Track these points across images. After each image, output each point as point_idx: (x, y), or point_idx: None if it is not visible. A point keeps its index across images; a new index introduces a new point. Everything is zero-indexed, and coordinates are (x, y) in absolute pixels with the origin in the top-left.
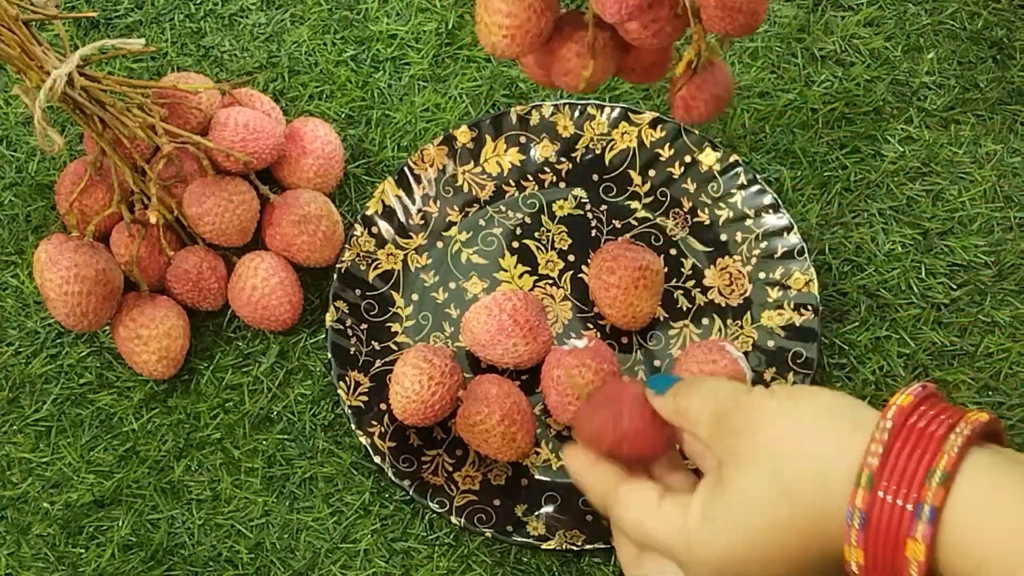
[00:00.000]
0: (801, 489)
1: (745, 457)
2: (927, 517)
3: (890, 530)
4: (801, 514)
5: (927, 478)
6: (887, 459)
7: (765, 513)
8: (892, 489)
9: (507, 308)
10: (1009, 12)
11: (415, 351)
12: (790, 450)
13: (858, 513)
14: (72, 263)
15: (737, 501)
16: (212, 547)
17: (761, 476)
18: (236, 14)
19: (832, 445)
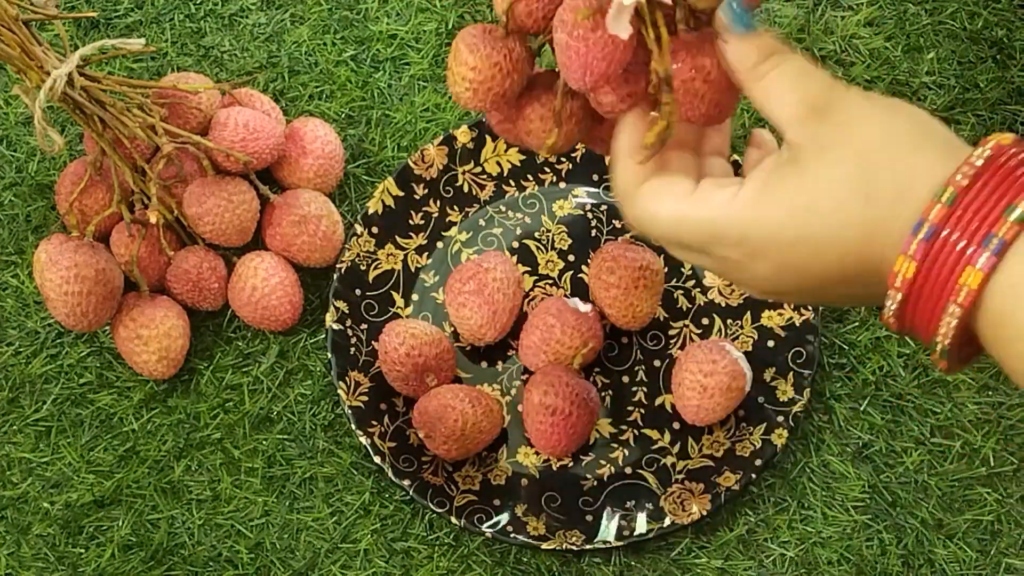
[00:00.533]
0: (881, 191)
1: (832, 147)
2: (995, 248)
3: (952, 253)
4: (871, 213)
5: (1006, 212)
6: (975, 183)
7: (838, 200)
8: (970, 212)
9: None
10: (1009, 12)
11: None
12: (881, 154)
13: (929, 226)
14: (72, 263)
15: (811, 181)
16: (212, 547)
17: (844, 168)
18: (236, 14)
19: (923, 162)
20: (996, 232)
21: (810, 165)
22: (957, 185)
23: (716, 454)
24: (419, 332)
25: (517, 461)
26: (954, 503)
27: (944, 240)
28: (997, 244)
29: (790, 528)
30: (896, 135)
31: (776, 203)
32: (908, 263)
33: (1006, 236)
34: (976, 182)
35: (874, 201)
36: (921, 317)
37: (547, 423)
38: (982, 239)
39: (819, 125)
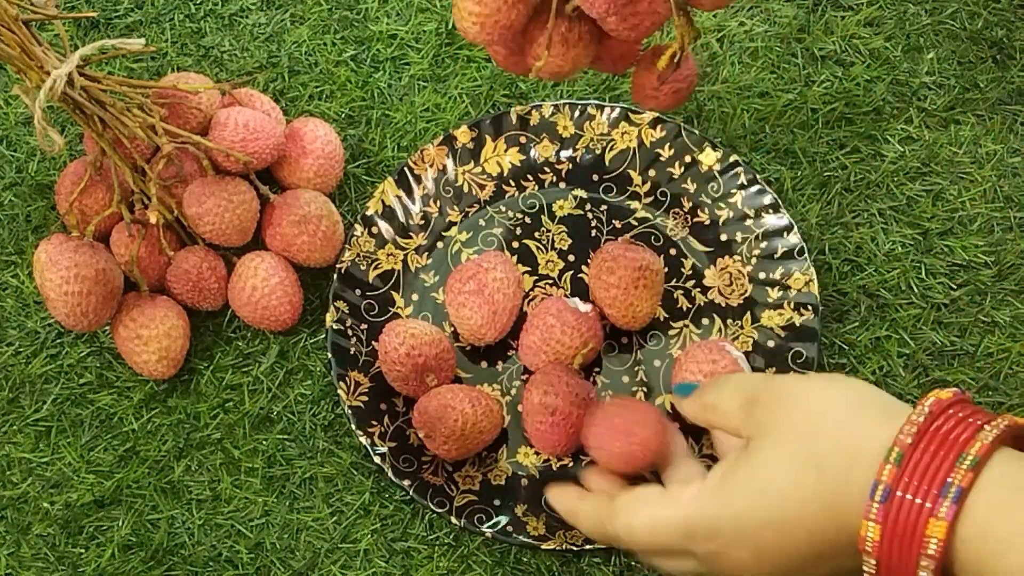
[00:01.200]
0: (830, 460)
1: (776, 428)
2: (953, 496)
3: (912, 508)
4: (826, 485)
5: (958, 461)
6: (920, 440)
7: (790, 478)
8: (921, 468)
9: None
10: (1009, 12)
11: None
12: (823, 424)
13: (883, 487)
14: (72, 263)
15: (762, 465)
16: (212, 547)
17: (791, 445)
18: (236, 14)
19: (865, 426)
20: (952, 480)
21: (761, 448)
22: (903, 444)
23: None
24: (419, 332)
25: (517, 461)
26: None
27: (900, 500)
28: (956, 491)
29: None
30: (834, 404)
31: (736, 492)
32: (872, 526)
33: (963, 484)
34: (921, 439)
35: (826, 472)
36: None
37: (547, 423)
38: (939, 490)
39: (765, 413)
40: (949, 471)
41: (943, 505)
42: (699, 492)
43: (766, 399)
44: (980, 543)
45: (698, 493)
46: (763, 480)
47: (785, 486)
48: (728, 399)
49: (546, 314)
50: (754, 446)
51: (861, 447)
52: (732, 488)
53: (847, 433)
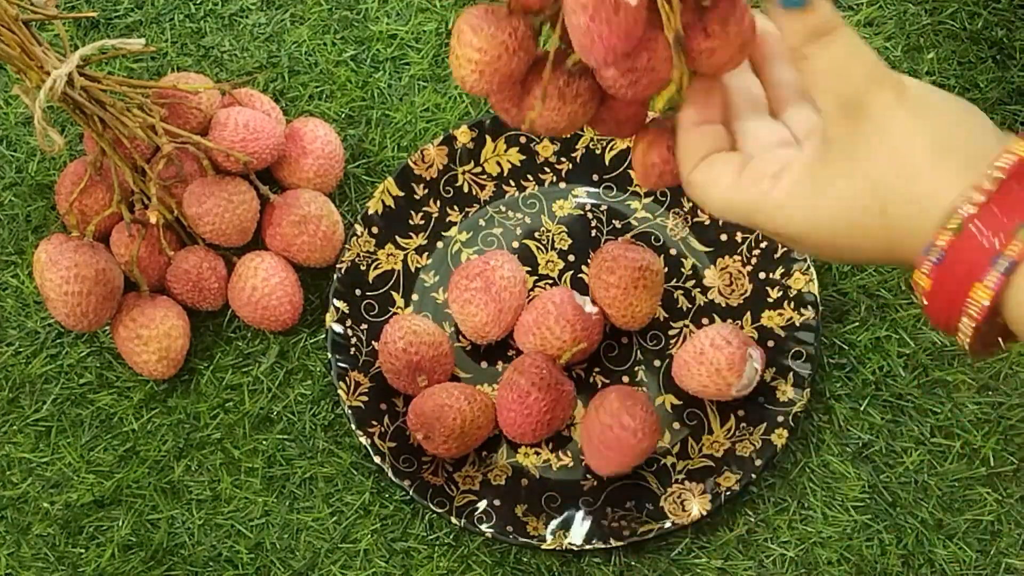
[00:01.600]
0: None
1: (859, 156)
2: (1003, 268)
3: (962, 272)
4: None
5: (1017, 230)
6: (982, 209)
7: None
8: (977, 236)
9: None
10: (1009, 12)
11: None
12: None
13: (937, 251)
14: (72, 263)
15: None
16: (212, 547)
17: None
18: (236, 14)
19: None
20: (1005, 251)
21: (835, 177)
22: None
23: (716, 454)
24: (421, 330)
25: (517, 461)
26: (954, 503)
27: (951, 264)
28: (1005, 264)
29: (790, 528)
30: (917, 146)
31: (802, 209)
32: (925, 279)
33: (1016, 255)
34: (984, 207)
35: (890, 218)
36: (944, 320)
37: (506, 399)
38: (992, 258)
39: (849, 128)
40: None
41: (990, 275)
42: (766, 194)
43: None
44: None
45: (765, 194)
46: (829, 209)
47: (848, 222)
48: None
49: (548, 300)
50: (832, 167)
51: (928, 202)
52: (800, 204)
53: (919, 184)
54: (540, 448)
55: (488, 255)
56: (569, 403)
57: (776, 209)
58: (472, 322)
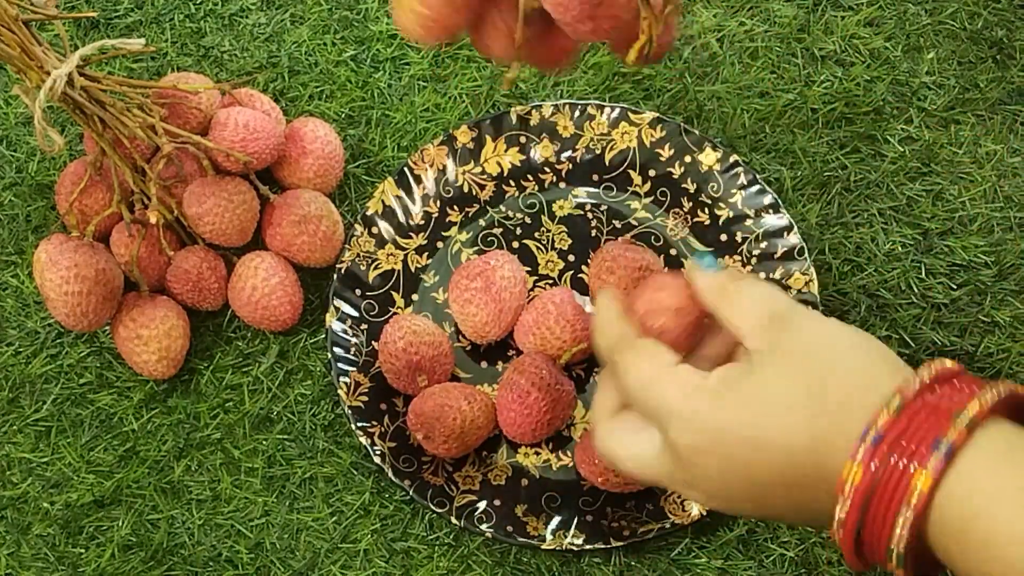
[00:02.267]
0: (832, 399)
1: (790, 354)
2: (944, 451)
3: (900, 457)
4: (820, 421)
5: (954, 417)
6: (922, 395)
7: (788, 405)
8: (917, 422)
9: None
10: (1009, 12)
11: None
12: (837, 364)
13: (875, 432)
14: (72, 263)
15: (765, 384)
16: (212, 547)
17: (799, 374)
18: (236, 14)
19: (875, 377)
20: (945, 436)
21: (766, 368)
22: (906, 393)
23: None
24: (420, 330)
25: (517, 461)
26: None
27: (892, 445)
28: (947, 447)
29: (790, 528)
30: (849, 351)
31: (730, 400)
32: (857, 468)
33: (954, 440)
34: (922, 394)
35: (823, 410)
36: (874, 525)
37: (506, 399)
38: (931, 444)
39: (778, 333)
40: (944, 428)
41: (932, 459)
42: (698, 387)
43: (790, 324)
44: (966, 501)
45: (696, 387)
46: (760, 398)
47: (781, 411)
48: (755, 304)
49: (548, 300)
50: (761, 362)
51: (863, 395)
52: (728, 395)
53: (856, 378)
54: (540, 448)
55: (488, 255)
56: (569, 403)
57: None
58: (472, 322)
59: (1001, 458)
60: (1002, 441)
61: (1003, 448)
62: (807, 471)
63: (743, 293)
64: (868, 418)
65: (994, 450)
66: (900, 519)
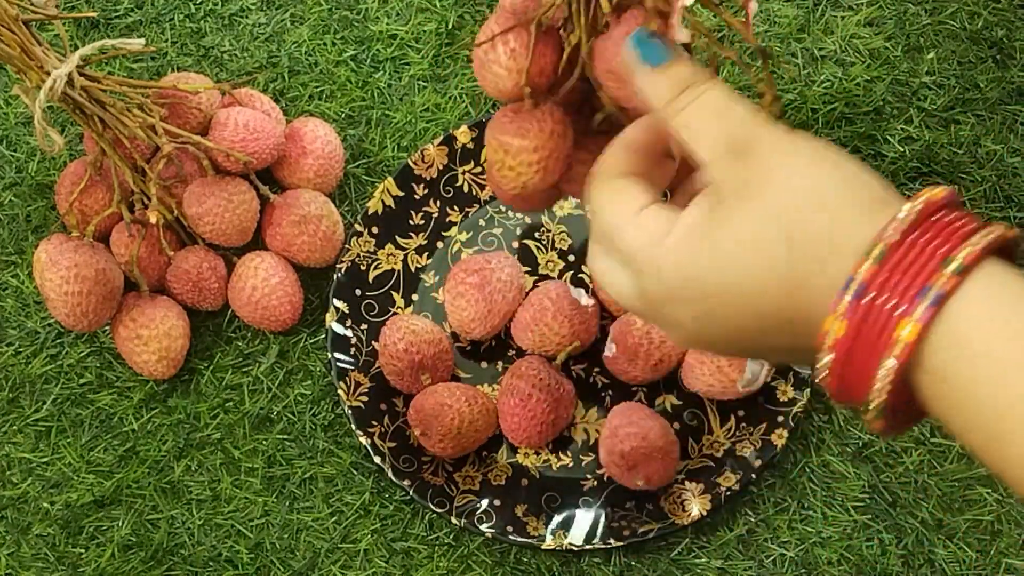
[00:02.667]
0: (805, 246)
1: (759, 194)
2: (932, 299)
3: (885, 307)
4: (794, 270)
5: (943, 264)
6: (906, 238)
7: (758, 254)
8: (902, 268)
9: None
10: (1009, 12)
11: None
12: (807, 206)
13: (858, 283)
14: (72, 263)
15: (733, 231)
16: (212, 547)
17: (768, 219)
18: (236, 14)
19: (851, 219)
20: (933, 284)
21: (734, 214)
22: (887, 240)
23: (716, 454)
24: (419, 329)
25: (517, 461)
26: (954, 503)
27: (875, 297)
28: (935, 296)
29: (790, 528)
30: (824, 187)
31: (697, 250)
32: (839, 322)
33: (944, 288)
34: (907, 237)
35: (798, 256)
36: (855, 376)
37: (508, 404)
38: (918, 292)
39: (741, 169)
40: (932, 274)
41: (919, 307)
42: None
43: (753, 155)
44: (955, 349)
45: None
46: (729, 247)
47: (750, 260)
48: (709, 124)
49: (544, 296)
50: (729, 206)
51: (841, 240)
52: (694, 244)
53: (830, 222)
54: (540, 448)
55: (491, 255)
56: (570, 402)
57: (663, 256)
58: (459, 316)
59: (995, 299)
60: (996, 282)
61: (996, 288)
62: (786, 318)
63: (695, 112)
64: (850, 266)
65: (987, 290)
66: (882, 370)
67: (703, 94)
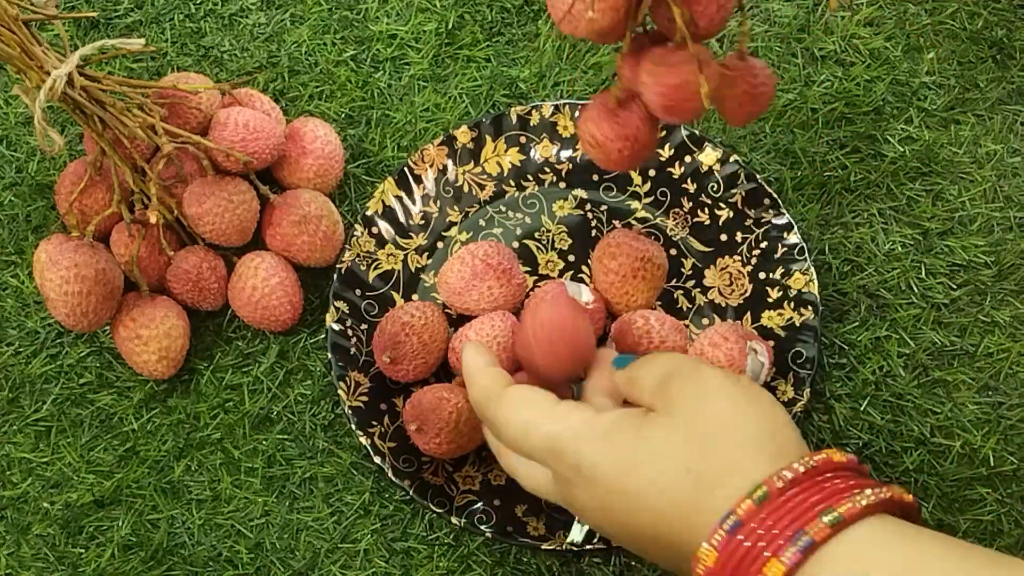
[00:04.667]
0: (707, 476)
1: (679, 416)
2: (801, 546)
3: (755, 546)
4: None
5: (821, 514)
6: (791, 488)
7: (664, 472)
8: (781, 513)
9: (479, 254)
10: (1009, 12)
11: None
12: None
13: (734, 518)
14: (72, 263)
15: (648, 444)
16: (212, 547)
17: (684, 440)
18: (236, 14)
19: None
20: (807, 530)
21: (654, 428)
22: (772, 485)
23: None
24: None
25: None
26: (954, 503)
27: (748, 534)
28: (806, 542)
29: None
30: (741, 425)
31: (613, 448)
32: (709, 552)
33: (816, 536)
34: (793, 487)
35: (696, 481)
36: None
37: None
38: (790, 537)
39: (671, 390)
40: (808, 523)
41: (787, 551)
42: (585, 424)
43: (682, 380)
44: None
45: (583, 424)
46: (641, 457)
47: (657, 476)
48: (649, 372)
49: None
50: (653, 419)
51: (736, 475)
52: (613, 443)
53: (734, 458)
54: None
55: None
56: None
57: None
58: (446, 279)
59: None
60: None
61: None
62: (674, 535)
63: (642, 370)
64: (732, 502)
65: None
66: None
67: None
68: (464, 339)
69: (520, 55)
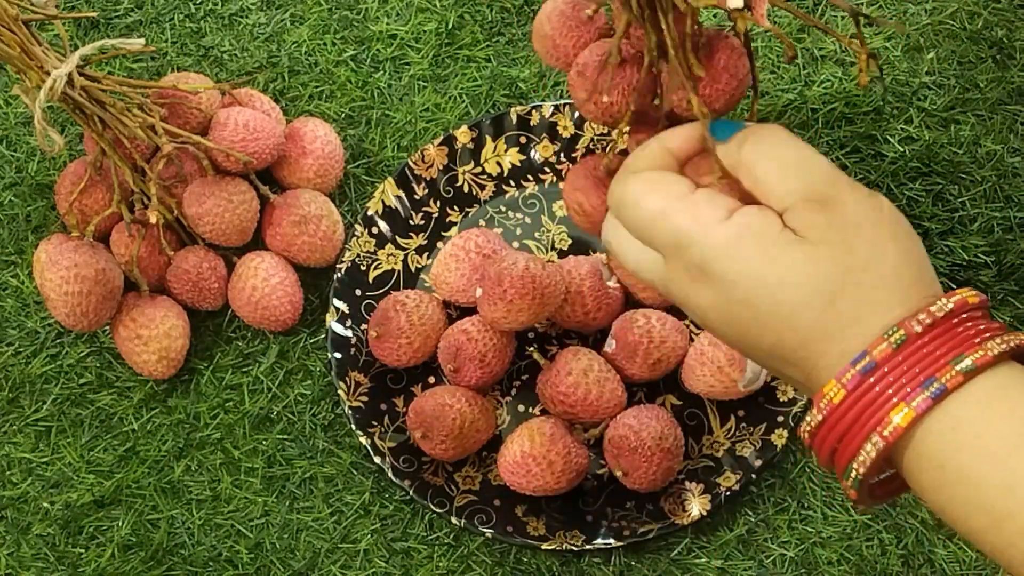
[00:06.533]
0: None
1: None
2: (933, 392)
3: (887, 389)
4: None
5: (952, 361)
6: (927, 332)
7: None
8: (916, 359)
9: (471, 247)
10: (1009, 12)
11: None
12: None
13: (868, 359)
14: (72, 263)
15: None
16: (212, 547)
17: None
18: (236, 14)
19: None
20: (939, 377)
21: (796, 249)
22: (910, 329)
23: (716, 454)
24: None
25: None
26: None
27: (880, 377)
28: (937, 388)
29: (790, 528)
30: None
31: (750, 257)
32: (838, 390)
33: (948, 383)
34: (929, 332)
35: (832, 313)
36: (841, 441)
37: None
38: (922, 382)
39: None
40: (940, 369)
41: (919, 396)
42: (719, 223)
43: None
44: (948, 436)
45: (718, 223)
46: (777, 274)
47: (790, 297)
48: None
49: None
50: (795, 240)
51: (875, 312)
52: (752, 251)
53: (875, 290)
54: None
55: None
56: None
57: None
58: (444, 277)
59: (995, 399)
60: (999, 385)
61: (999, 390)
62: (799, 359)
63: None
64: (867, 342)
65: (988, 391)
66: (868, 445)
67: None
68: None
69: (520, 55)
